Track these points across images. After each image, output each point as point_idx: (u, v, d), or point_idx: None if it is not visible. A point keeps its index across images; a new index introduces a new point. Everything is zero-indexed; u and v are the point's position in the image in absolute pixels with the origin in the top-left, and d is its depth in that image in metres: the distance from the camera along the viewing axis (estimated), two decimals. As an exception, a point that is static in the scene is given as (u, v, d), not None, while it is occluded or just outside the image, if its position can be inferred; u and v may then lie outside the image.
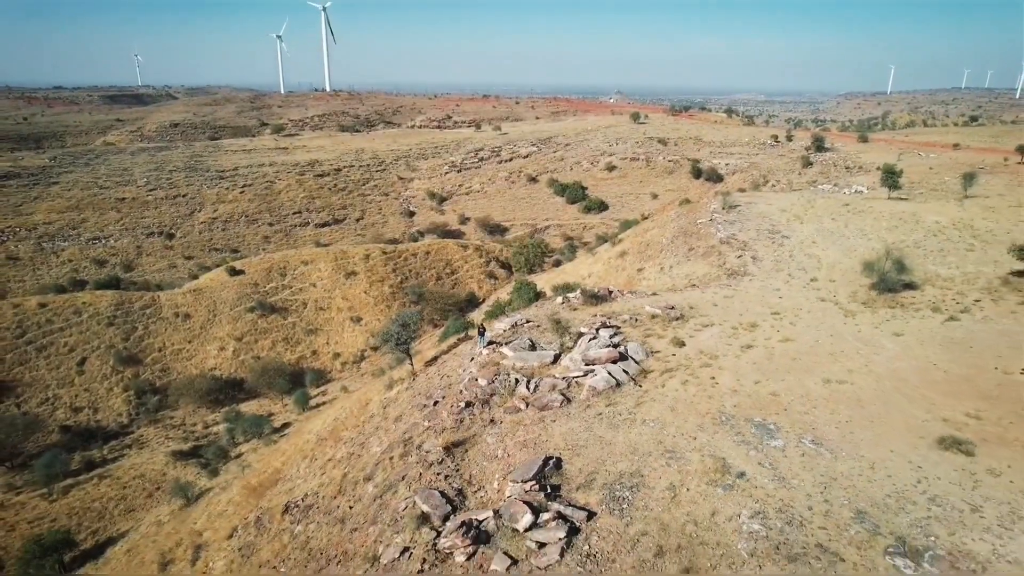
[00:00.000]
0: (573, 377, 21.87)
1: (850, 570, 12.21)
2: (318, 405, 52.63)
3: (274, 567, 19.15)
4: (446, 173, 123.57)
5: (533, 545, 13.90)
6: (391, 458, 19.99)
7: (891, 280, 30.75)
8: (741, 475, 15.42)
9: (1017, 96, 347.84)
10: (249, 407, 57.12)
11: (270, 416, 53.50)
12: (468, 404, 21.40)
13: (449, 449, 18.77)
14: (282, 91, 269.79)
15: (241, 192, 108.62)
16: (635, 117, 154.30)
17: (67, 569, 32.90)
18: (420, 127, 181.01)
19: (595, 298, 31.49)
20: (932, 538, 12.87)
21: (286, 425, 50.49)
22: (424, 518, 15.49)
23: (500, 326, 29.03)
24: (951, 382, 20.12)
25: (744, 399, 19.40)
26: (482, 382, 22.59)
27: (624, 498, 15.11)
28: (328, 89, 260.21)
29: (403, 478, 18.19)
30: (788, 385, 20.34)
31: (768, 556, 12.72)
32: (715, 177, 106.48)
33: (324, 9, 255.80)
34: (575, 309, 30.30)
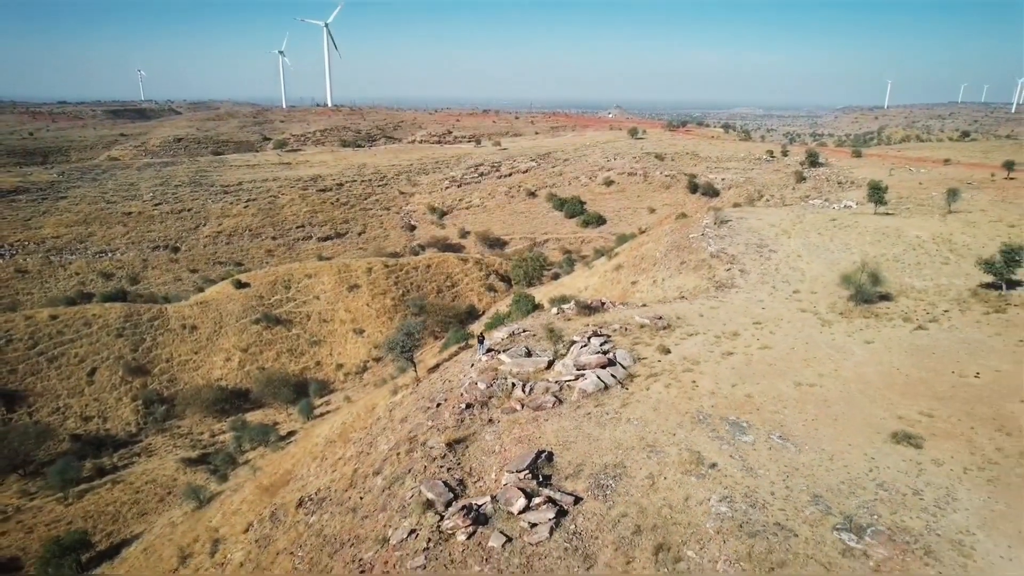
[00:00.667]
0: (565, 381, 23.70)
1: (802, 544, 13.98)
2: (322, 414, 54.08)
3: (291, 553, 20.87)
4: (446, 188, 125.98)
5: (526, 525, 15.69)
6: (398, 454, 21.79)
7: (867, 292, 32.52)
8: (713, 466, 17.20)
9: (1013, 110, 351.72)
10: (254, 417, 58.60)
11: (275, 425, 54.91)
12: (468, 406, 23.20)
13: (451, 445, 20.55)
14: (284, 106, 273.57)
15: (245, 207, 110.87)
16: (633, 132, 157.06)
17: (84, 569, 34.34)
18: (421, 142, 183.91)
19: (588, 309, 33.35)
20: (876, 516, 14.66)
21: (291, 433, 51.96)
22: (429, 504, 17.26)
23: (499, 335, 30.93)
24: (910, 384, 21.95)
25: (721, 400, 21.20)
26: (481, 386, 24.42)
27: (608, 485, 16.89)
28: (330, 104, 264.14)
29: (409, 471, 19.98)
30: (762, 388, 22.14)
31: (732, 533, 14.49)
32: (711, 192, 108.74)
33: (326, 25, 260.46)
34: (569, 319, 32.14)
